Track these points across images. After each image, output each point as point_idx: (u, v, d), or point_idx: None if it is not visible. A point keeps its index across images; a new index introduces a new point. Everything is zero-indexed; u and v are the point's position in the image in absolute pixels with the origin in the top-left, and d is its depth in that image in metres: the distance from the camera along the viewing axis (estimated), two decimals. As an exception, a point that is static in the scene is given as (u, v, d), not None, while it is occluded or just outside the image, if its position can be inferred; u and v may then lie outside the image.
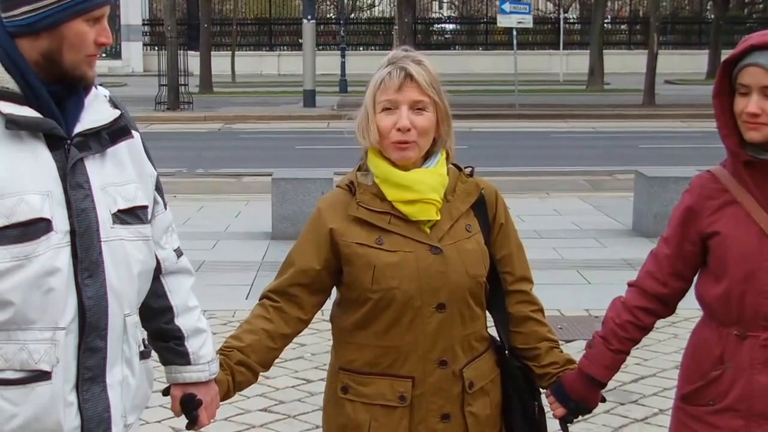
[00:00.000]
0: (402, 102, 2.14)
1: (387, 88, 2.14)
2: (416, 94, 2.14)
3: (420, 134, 2.15)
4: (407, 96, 2.14)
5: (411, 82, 2.13)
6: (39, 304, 1.76)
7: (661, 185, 8.02)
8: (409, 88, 2.14)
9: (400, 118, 2.13)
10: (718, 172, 2.23)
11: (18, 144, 1.78)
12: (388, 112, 2.15)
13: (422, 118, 2.15)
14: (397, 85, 2.13)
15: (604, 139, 15.94)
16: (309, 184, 8.06)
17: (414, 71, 2.14)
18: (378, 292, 2.15)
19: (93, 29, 1.82)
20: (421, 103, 2.15)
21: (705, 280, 2.25)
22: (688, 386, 2.28)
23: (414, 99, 2.14)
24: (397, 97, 2.14)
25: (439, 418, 2.19)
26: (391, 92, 2.14)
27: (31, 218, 1.75)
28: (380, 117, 2.15)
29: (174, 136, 15.18)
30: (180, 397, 2.12)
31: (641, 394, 4.61)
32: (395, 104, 2.14)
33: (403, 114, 2.14)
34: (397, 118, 2.14)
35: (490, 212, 2.28)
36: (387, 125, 2.15)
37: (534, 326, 2.32)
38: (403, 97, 2.14)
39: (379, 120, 2.15)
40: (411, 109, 2.14)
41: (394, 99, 2.14)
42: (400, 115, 2.13)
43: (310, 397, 4.55)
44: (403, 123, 2.13)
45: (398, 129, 2.13)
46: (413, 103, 2.14)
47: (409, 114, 2.14)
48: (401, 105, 2.14)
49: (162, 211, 2.04)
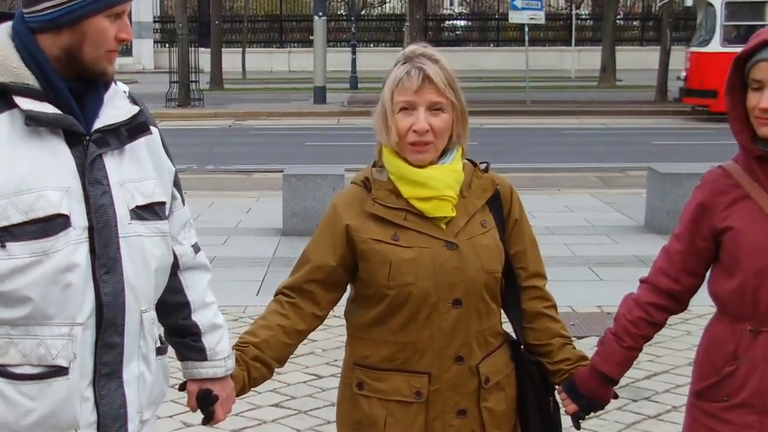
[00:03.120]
0: (420, 104, 2.14)
1: (405, 89, 2.14)
2: (434, 95, 2.14)
3: (437, 135, 2.16)
4: (425, 98, 2.14)
5: (429, 84, 2.13)
6: (57, 300, 1.77)
7: (674, 182, 7.99)
8: (427, 89, 2.14)
9: (418, 120, 2.14)
10: (730, 168, 2.23)
11: (37, 140, 1.78)
12: (405, 113, 2.15)
13: (439, 120, 2.15)
14: (415, 87, 2.13)
15: (615, 136, 15.90)
16: (320, 180, 8.07)
17: (432, 72, 2.14)
18: (394, 288, 2.15)
19: (114, 25, 1.82)
20: (438, 104, 2.15)
21: (718, 276, 2.25)
22: (702, 382, 2.28)
23: (432, 101, 2.14)
24: (415, 99, 2.14)
25: (456, 414, 2.20)
26: (409, 94, 2.14)
27: (49, 214, 1.75)
28: (398, 117, 2.16)
29: (185, 133, 15.24)
30: (196, 392, 2.12)
31: (654, 391, 4.60)
32: (413, 105, 2.14)
33: (421, 116, 2.14)
34: (415, 119, 2.14)
35: (505, 208, 2.28)
36: (404, 126, 2.15)
37: (547, 322, 2.32)
38: (421, 98, 2.14)
39: (397, 120, 2.16)
40: (428, 110, 2.14)
41: (412, 100, 2.14)
42: (418, 117, 2.14)
43: (321, 393, 4.56)
44: (420, 125, 2.13)
45: (415, 131, 2.14)
46: (431, 104, 2.14)
47: (427, 115, 2.14)
48: (419, 106, 2.14)
49: (180, 207, 2.04)
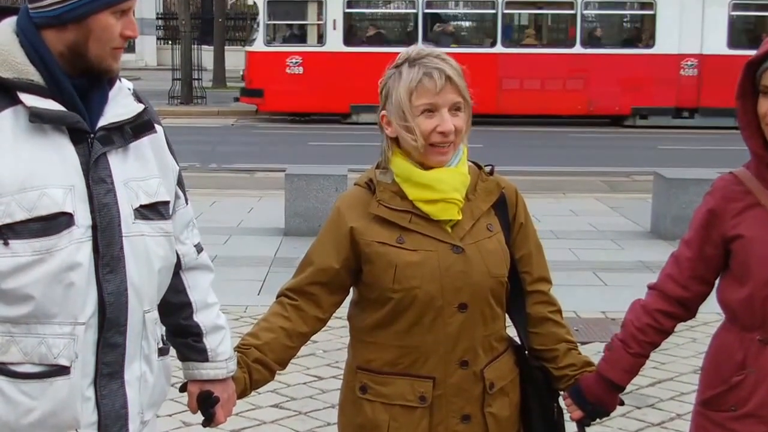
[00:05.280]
0: (442, 104, 2.12)
1: (426, 90, 2.11)
2: (455, 95, 2.13)
3: (457, 135, 2.15)
4: (447, 98, 2.12)
5: (450, 85, 2.12)
6: (59, 299, 1.75)
7: (681, 187, 7.98)
8: (449, 89, 2.12)
9: (443, 122, 2.11)
10: (741, 174, 2.21)
11: (41, 137, 1.77)
12: (427, 115, 2.13)
13: (459, 119, 2.14)
14: (438, 88, 2.11)
15: (621, 140, 15.88)
16: (322, 180, 8.07)
17: (451, 72, 2.12)
18: (399, 291, 2.13)
19: (119, 22, 1.81)
20: (458, 104, 2.14)
21: (727, 284, 2.22)
22: (710, 391, 2.25)
23: (454, 101, 2.13)
24: (437, 100, 2.12)
25: (460, 419, 2.18)
26: (431, 95, 2.11)
27: (53, 212, 1.74)
28: (420, 120, 2.13)
29: (187, 131, 15.23)
30: (197, 393, 2.11)
31: (658, 398, 4.59)
32: (436, 107, 2.12)
33: (446, 117, 2.12)
34: (438, 120, 2.12)
35: (510, 212, 2.26)
36: (428, 128, 2.12)
37: (552, 327, 2.30)
38: (443, 99, 2.12)
39: (419, 123, 2.13)
40: (449, 111, 2.13)
41: (435, 102, 2.12)
42: (443, 118, 2.12)
43: (322, 395, 4.55)
44: (447, 126, 2.11)
45: (441, 132, 2.12)
46: (453, 104, 2.13)
47: (449, 116, 2.12)
48: (441, 108, 2.12)
49: (183, 206, 2.03)
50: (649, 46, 17.70)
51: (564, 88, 17.40)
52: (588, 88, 17.37)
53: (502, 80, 17.22)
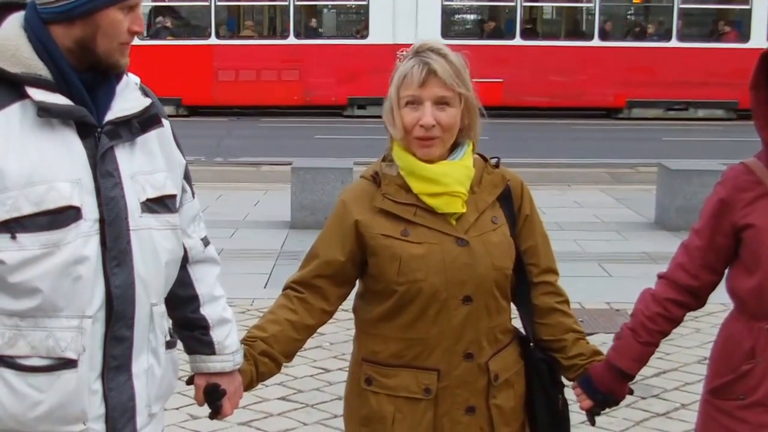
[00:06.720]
0: (425, 98, 2.12)
1: (410, 83, 2.12)
2: (440, 89, 2.12)
3: (444, 130, 2.13)
4: (430, 92, 2.12)
5: (434, 78, 2.11)
6: (67, 292, 1.76)
7: (685, 178, 7.97)
8: (432, 83, 2.11)
9: (424, 115, 2.11)
10: (752, 164, 2.21)
11: (49, 131, 1.77)
12: (411, 107, 2.13)
13: (445, 114, 2.13)
14: (419, 81, 2.11)
15: (626, 132, 15.84)
16: (328, 173, 8.07)
17: (437, 66, 2.11)
18: (404, 284, 2.14)
19: (127, 17, 1.81)
20: (444, 98, 2.13)
21: (737, 273, 2.23)
22: (718, 380, 2.26)
23: (437, 95, 2.12)
24: (420, 93, 2.12)
25: (464, 411, 2.18)
26: (414, 88, 2.12)
27: (60, 206, 1.74)
28: (404, 112, 2.13)
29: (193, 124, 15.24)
30: (204, 386, 2.12)
31: (663, 389, 4.59)
32: (418, 100, 2.12)
33: (427, 110, 2.11)
34: (421, 114, 2.12)
35: (515, 204, 2.26)
36: (410, 121, 2.13)
37: (560, 317, 2.30)
38: (426, 93, 2.12)
39: (403, 115, 2.13)
40: (435, 105, 2.12)
41: (416, 95, 2.12)
42: (424, 112, 2.11)
43: (329, 387, 4.56)
44: (426, 120, 2.11)
45: (421, 125, 2.12)
46: (437, 99, 2.12)
47: (433, 110, 2.12)
48: (425, 101, 2.12)
49: (190, 200, 2.03)
50: (364, 37, 17.60)
51: (279, 78, 17.34)
52: (303, 78, 17.31)
53: (218, 72, 17.29)
